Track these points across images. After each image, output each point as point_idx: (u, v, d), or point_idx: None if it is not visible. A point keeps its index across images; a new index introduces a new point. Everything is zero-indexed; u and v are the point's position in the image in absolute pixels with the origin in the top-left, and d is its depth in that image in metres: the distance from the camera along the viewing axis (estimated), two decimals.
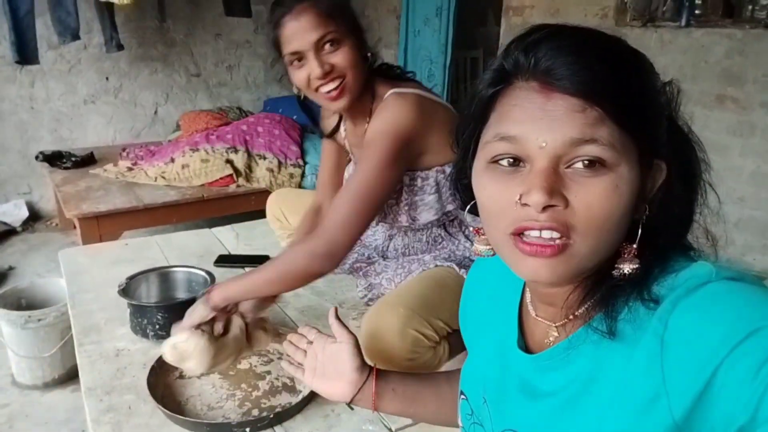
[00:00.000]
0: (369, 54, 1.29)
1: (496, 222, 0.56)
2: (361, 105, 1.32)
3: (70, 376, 2.20)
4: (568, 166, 0.52)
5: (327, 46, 1.21)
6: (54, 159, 3.48)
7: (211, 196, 3.04)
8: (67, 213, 2.84)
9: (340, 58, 1.21)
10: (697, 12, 2.57)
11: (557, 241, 0.52)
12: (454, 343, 1.25)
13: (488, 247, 0.62)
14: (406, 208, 1.39)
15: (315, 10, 1.19)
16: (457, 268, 1.36)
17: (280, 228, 1.92)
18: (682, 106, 0.57)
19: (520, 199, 0.52)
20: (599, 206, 0.51)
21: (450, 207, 1.36)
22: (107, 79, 4.05)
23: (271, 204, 1.93)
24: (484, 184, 0.56)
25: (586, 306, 0.59)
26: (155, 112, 4.28)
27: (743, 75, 2.36)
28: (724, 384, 0.46)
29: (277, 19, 1.22)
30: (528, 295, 0.68)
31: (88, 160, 3.48)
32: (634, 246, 0.55)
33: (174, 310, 1.47)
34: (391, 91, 1.27)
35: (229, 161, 3.17)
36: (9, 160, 3.90)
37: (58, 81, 3.92)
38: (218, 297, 1.19)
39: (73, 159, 3.45)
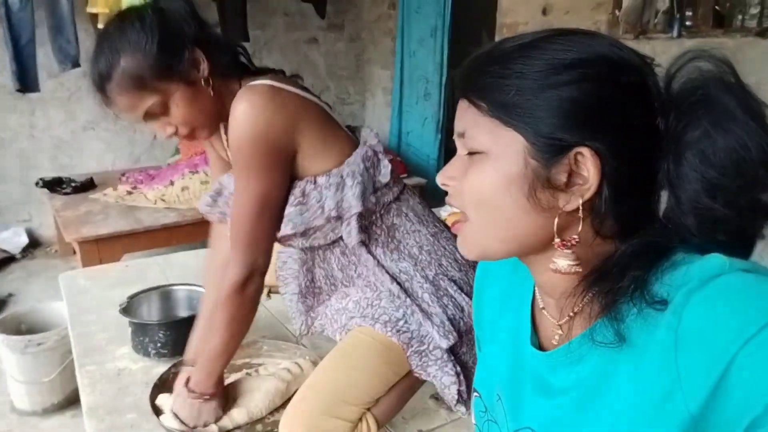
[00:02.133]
0: (203, 78, 1.10)
1: None
2: (221, 113, 1.15)
3: (70, 402, 2.18)
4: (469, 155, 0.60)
5: (156, 112, 1.09)
6: (54, 185, 3.49)
7: None
8: (67, 237, 2.84)
9: (175, 119, 1.09)
10: (687, 23, 2.61)
11: (460, 220, 0.62)
12: (383, 410, 1.13)
13: None
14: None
15: (123, 92, 1.06)
16: (380, 327, 1.15)
17: None
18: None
19: None
20: (473, 188, 0.59)
21: (316, 223, 1.16)
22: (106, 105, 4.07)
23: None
24: None
25: (581, 304, 0.59)
26: (154, 137, 4.30)
27: None
28: (738, 376, 0.46)
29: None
30: (537, 289, 0.68)
31: (87, 186, 3.49)
32: (558, 240, 0.57)
33: (176, 328, 1.46)
34: (245, 85, 1.11)
35: None
36: (9, 188, 3.91)
37: (58, 108, 3.95)
38: (208, 386, 1.17)
39: (73, 185, 3.47)
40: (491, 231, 0.59)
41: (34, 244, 3.96)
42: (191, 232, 3.02)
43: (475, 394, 0.76)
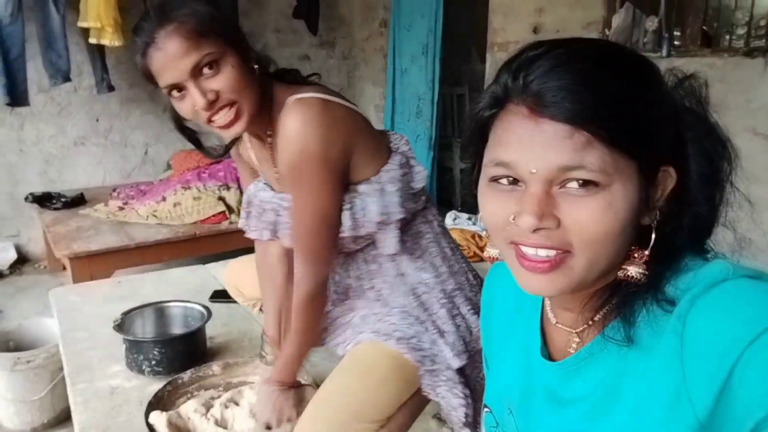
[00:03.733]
0: (255, 65, 1.10)
1: (496, 234, 0.59)
2: (261, 118, 1.13)
3: (60, 420, 2.13)
4: (562, 186, 0.53)
5: (206, 70, 1.02)
6: (43, 200, 3.45)
7: (203, 233, 3.03)
8: (57, 253, 2.80)
9: (223, 81, 1.03)
10: (676, 43, 2.66)
11: (554, 257, 0.54)
12: (393, 430, 1.13)
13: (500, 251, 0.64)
14: None
15: (182, 33, 1.00)
16: (393, 343, 1.14)
17: (243, 301, 1.78)
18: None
19: (514, 219, 0.55)
20: (593, 225, 0.53)
21: (364, 231, 1.16)
22: (97, 120, 4.05)
23: (227, 280, 1.81)
24: (486, 200, 0.59)
25: (603, 312, 0.59)
26: (145, 153, 4.28)
27: (725, 102, 2.42)
28: (741, 379, 0.47)
29: (142, 50, 1.03)
30: (548, 302, 0.68)
31: (78, 201, 3.45)
32: (646, 252, 0.56)
33: (171, 345, 1.44)
34: (293, 97, 1.10)
35: (221, 198, 3.17)
36: None
37: (48, 123, 3.92)
38: (287, 377, 1.22)
39: (63, 200, 3.43)
40: (601, 265, 0.55)
41: (22, 260, 3.90)
42: (184, 249, 2.99)
43: (486, 409, 0.76)
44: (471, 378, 1.17)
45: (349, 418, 1.05)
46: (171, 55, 1.01)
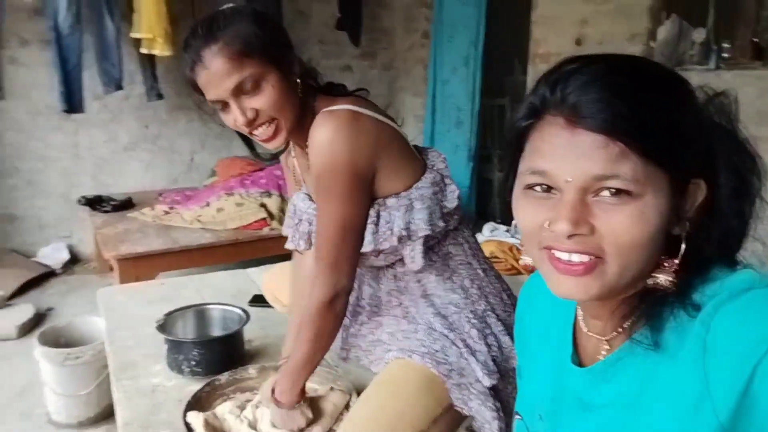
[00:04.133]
0: (298, 80, 1.14)
1: (530, 240, 0.61)
2: (302, 128, 1.16)
3: (105, 416, 2.21)
4: (596, 195, 0.55)
5: (247, 88, 1.08)
6: (94, 203, 3.60)
7: (245, 238, 3.10)
8: (106, 254, 2.92)
9: (263, 100, 1.08)
10: (725, 55, 2.59)
11: (587, 262, 0.57)
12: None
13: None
14: None
15: (226, 53, 1.05)
16: (418, 358, 1.15)
17: (280, 307, 1.81)
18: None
19: (549, 225, 0.57)
20: (626, 233, 0.55)
21: (386, 245, 1.17)
22: (147, 127, 4.21)
23: (265, 287, 1.84)
24: (521, 207, 0.62)
25: (632, 320, 0.61)
26: (191, 159, 4.42)
27: None
28: (762, 381, 0.48)
29: (190, 66, 1.09)
30: (580, 312, 0.70)
31: (126, 205, 3.59)
32: (676, 261, 0.57)
33: (210, 347, 1.49)
34: (326, 109, 1.12)
35: (263, 205, 3.24)
36: (52, 205, 4.05)
37: (100, 129, 4.09)
38: (293, 395, 1.20)
39: (113, 203, 3.57)
40: (632, 271, 0.57)
41: (73, 260, 4.07)
42: (226, 253, 3.07)
43: (517, 416, 0.78)
44: (504, 393, 1.16)
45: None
46: (215, 74, 1.06)
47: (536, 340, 0.78)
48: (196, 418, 1.22)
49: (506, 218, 3.64)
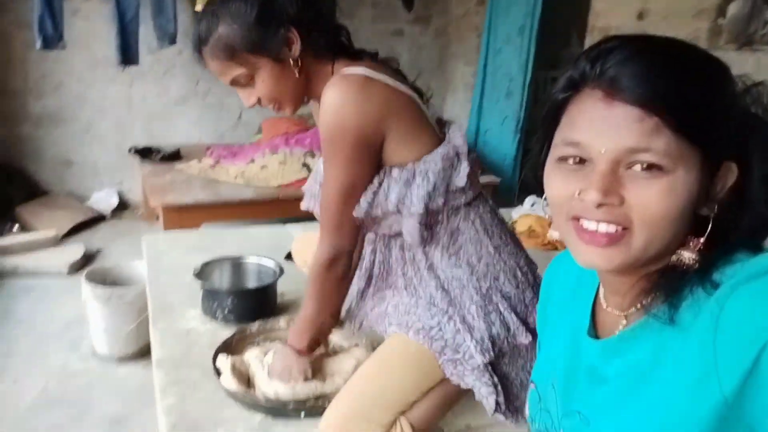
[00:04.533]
0: (293, 58, 1.13)
1: (559, 210, 0.62)
2: (314, 90, 1.20)
3: (143, 353, 2.34)
4: (628, 167, 0.56)
5: (243, 83, 1.16)
6: (144, 153, 3.72)
7: (286, 196, 3.14)
8: (153, 202, 3.02)
9: (259, 90, 1.16)
10: None
11: (614, 232, 0.58)
12: (418, 415, 1.14)
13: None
14: None
15: (215, 57, 1.14)
16: (413, 334, 1.16)
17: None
18: None
19: (579, 194, 0.58)
20: (655, 206, 0.56)
21: (377, 212, 1.16)
22: (197, 83, 4.29)
23: (295, 250, 1.86)
24: (552, 178, 0.63)
25: (651, 296, 0.61)
26: (239, 117, 4.49)
27: None
28: None
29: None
30: (602, 289, 0.71)
31: (174, 156, 3.69)
32: (701, 240, 0.58)
33: (243, 297, 1.54)
34: (337, 74, 1.13)
35: (305, 165, 3.27)
36: (106, 152, 4.20)
37: (153, 83, 4.19)
38: (302, 344, 1.24)
39: (162, 154, 3.68)
40: (657, 245, 0.58)
41: (122, 206, 4.24)
42: (267, 210, 3.12)
43: (531, 386, 0.80)
44: (505, 366, 1.17)
45: (370, 405, 1.10)
46: (214, 71, 1.17)
47: (557, 314, 0.80)
48: (224, 362, 1.27)
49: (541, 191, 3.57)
